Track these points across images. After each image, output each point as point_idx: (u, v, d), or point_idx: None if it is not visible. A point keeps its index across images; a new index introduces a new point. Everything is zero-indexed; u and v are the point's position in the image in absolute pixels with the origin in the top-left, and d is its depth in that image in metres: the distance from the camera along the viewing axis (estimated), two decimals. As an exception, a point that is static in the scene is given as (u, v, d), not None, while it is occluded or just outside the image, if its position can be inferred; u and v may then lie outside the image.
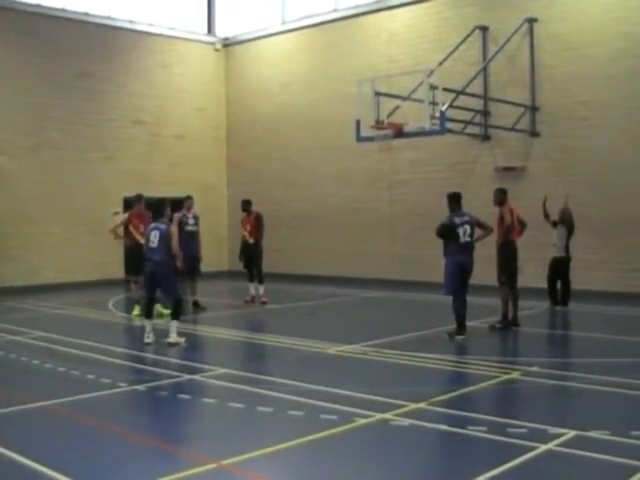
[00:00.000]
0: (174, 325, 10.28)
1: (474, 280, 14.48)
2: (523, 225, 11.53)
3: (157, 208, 10.58)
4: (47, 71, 18.32)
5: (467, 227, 10.49)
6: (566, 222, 13.26)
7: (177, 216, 13.45)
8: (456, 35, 16.16)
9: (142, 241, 11.72)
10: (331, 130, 18.98)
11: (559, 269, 13.27)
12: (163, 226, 10.33)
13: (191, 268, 13.38)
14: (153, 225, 10.47)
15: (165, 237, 10.18)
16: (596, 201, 14.80)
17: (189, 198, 14.02)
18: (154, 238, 10.27)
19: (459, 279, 10.50)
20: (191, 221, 13.74)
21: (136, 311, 12.83)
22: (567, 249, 13.27)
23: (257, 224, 14.44)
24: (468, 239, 10.48)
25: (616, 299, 13.95)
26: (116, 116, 19.60)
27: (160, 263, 10.18)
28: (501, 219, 11.14)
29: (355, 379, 8.02)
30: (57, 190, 18.32)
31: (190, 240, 13.44)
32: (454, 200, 10.75)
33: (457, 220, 10.50)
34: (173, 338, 10.21)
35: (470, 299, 13.58)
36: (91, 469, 5.40)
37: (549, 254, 13.44)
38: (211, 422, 6.76)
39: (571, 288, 13.37)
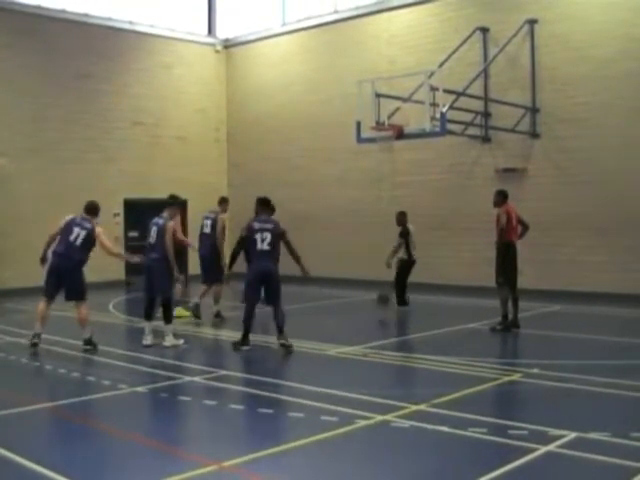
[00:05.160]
0: (169, 329, 10.25)
1: (474, 281, 14.55)
2: (525, 226, 11.51)
3: (169, 203, 10.59)
4: (47, 72, 18.32)
5: (266, 234, 9.83)
6: (402, 226, 13.77)
7: (223, 218, 13.03)
8: (457, 36, 16.16)
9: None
10: (332, 131, 18.98)
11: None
12: (161, 221, 10.30)
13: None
14: (154, 220, 10.48)
15: (162, 233, 10.16)
16: (596, 202, 14.79)
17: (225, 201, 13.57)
18: (153, 234, 10.28)
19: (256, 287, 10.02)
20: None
21: (178, 312, 12.30)
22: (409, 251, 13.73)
23: None
24: (267, 248, 9.83)
25: (616, 300, 13.93)
26: (116, 117, 19.60)
27: (156, 259, 10.17)
28: (497, 220, 11.13)
29: (356, 381, 8.02)
30: (57, 191, 18.29)
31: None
32: (260, 204, 10.13)
33: (257, 225, 9.88)
34: (169, 341, 10.18)
35: (470, 301, 13.65)
36: (92, 471, 5.40)
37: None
38: (212, 424, 6.76)
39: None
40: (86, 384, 7.99)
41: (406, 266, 13.71)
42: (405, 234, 13.71)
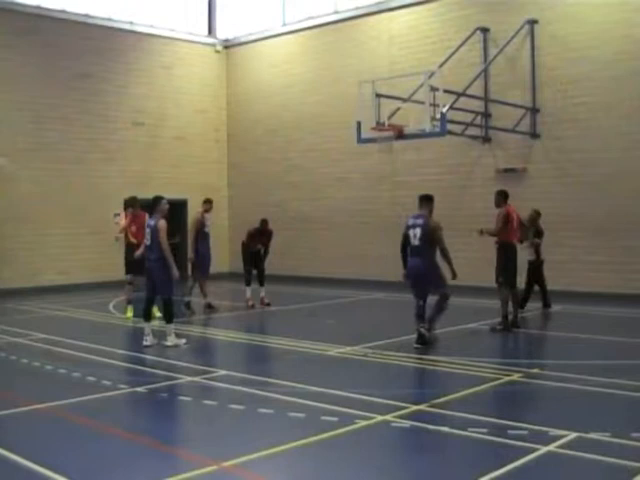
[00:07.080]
0: (170, 328, 10.26)
1: (474, 281, 14.54)
2: (525, 228, 11.50)
3: (152, 204, 10.51)
4: (47, 72, 18.34)
5: (417, 230, 9.89)
6: (536, 227, 13.02)
7: (199, 213, 14.19)
8: (457, 37, 16.17)
9: (133, 240, 12.65)
10: (332, 132, 18.99)
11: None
12: (152, 222, 10.30)
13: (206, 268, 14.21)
14: (148, 222, 10.51)
15: (155, 233, 10.16)
16: (596, 202, 14.81)
17: (210, 202, 14.33)
18: (148, 235, 10.29)
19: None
20: (209, 222, 14.22)
21: (129, 312, 12.95)
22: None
23: (269, 240, 14.56)
24: (417, 243, 9.91)
25: (616, 300, 13.94)
26: (116, 117, 19.62)
27: (155, 260, 10.18)
28: (496, 221, 11.13)
29: (356, 381, 8.02)
30: (57, 191, 18.32)
31: (206, 240, 14.11)
32: (419, 200, 10.20)
33: (411, 221, 10.02)
34: (171, 341, 10.20)
35: (470, 301, 13.66)
36: (92, 471, 5.40)
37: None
38: (212, 424, 6.75)
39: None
40: (86, 384, 7.99)
41: (536, 267, 12.93)
42: (541, 234, 12.95)
